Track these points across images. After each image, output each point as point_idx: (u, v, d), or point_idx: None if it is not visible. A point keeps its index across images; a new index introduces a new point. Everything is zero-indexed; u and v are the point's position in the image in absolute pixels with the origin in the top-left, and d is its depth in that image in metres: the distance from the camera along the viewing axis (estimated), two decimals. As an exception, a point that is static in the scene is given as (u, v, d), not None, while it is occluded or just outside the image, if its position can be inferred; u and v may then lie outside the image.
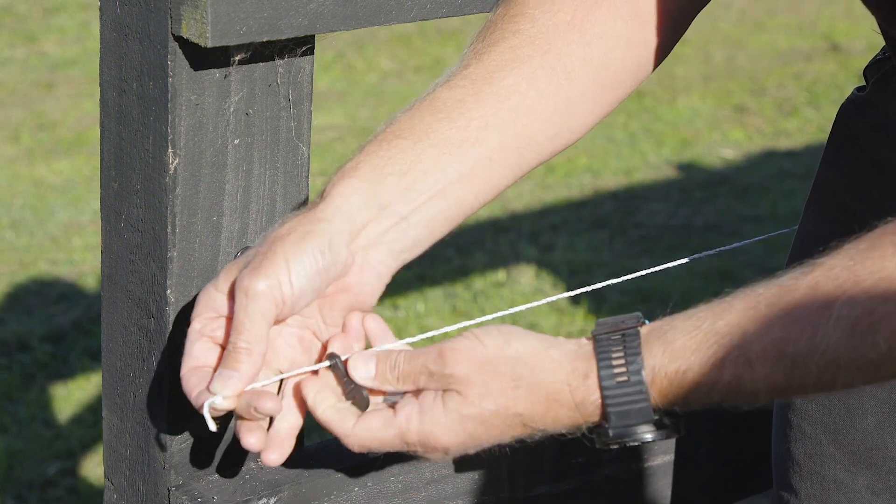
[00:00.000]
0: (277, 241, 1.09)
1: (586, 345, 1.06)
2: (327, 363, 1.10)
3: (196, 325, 1.11)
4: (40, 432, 3.37)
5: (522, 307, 1.32)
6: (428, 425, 1.06)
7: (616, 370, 1.03)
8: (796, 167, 5.08)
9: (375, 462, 1.30)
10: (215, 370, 1.09)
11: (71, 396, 3.53)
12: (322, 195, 1.14)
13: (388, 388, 1.08)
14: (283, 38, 1.11)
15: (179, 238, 1.17)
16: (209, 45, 1.07)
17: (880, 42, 1.29)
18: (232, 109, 1.16)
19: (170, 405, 1.21)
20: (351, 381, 1.09)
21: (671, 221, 4.58)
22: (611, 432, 1.05)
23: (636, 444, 1.06)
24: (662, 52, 1.23)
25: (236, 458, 1.27)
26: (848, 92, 1.35)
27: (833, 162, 1.32)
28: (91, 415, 3.44)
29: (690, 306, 1.06)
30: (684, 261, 1.29)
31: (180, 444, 1.22)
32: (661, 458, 1.54)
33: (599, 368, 1.03)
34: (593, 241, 4.42)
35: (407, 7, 1.17)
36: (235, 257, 1.20)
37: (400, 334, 3.89)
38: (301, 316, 1.13)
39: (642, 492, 1.54)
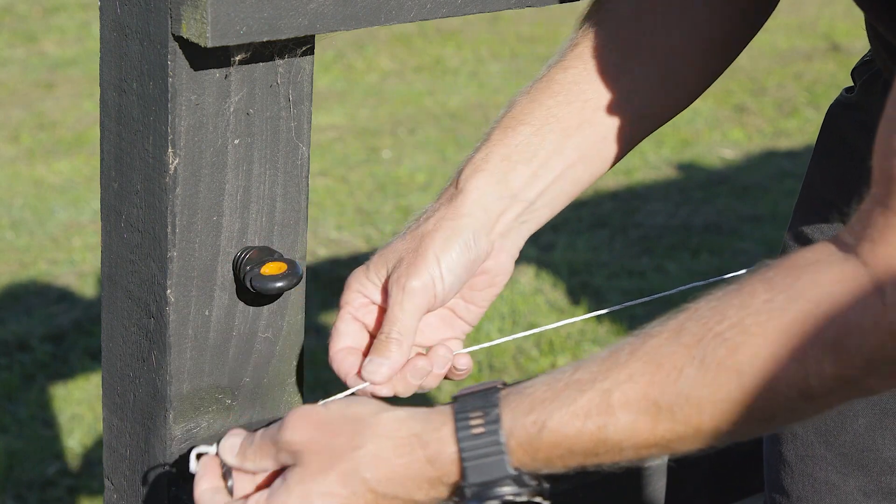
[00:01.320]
0: (427, 239, 1.17)
1: (444, 407, 1.01)
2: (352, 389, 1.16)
3: (349, 308, 1.19)
4: (40, 432, 3.37)
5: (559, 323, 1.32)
6: (275, 498, 1.01)
7: (473, 422, 0.98)
8: (796, 167, 5.08)
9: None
10: (364, 354, 1.18)
11: (71, 396, 3.54)
12: (457, 186, 1.20)
13: (249, 465, 1.05)
14: (283, 38, 1.11)
15: (179, 238, 1.17)
16: (209, 45, 1.07)
17: (877, 43, 1.29)
18: (232, 109, 1.16)
19: (170, 405, 1.21)
20: (225, 468, 1.08)
21: (671, 221, 4.58)
22: (467, 491, 0.97)
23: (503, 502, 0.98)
24: (763, 14, 1.25)
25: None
26: None
27: (822, 163, 1.32)
28: (91, 415, 3.44)
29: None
30: (616, 307, 1.31)
31: (180, 444, 1.22)
32: (661, 458, 1.54)
33: (456, 420, 0.98)
34: (593, 240, 4.42)
35: (407, 7, 1.17)
36: (237, 256, 1.20)
37: (400, 334, 3.89)
38: None
39: (640, 492, 1.54)
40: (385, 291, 1.18)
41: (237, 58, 1.14)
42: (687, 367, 0.93)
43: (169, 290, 1.18)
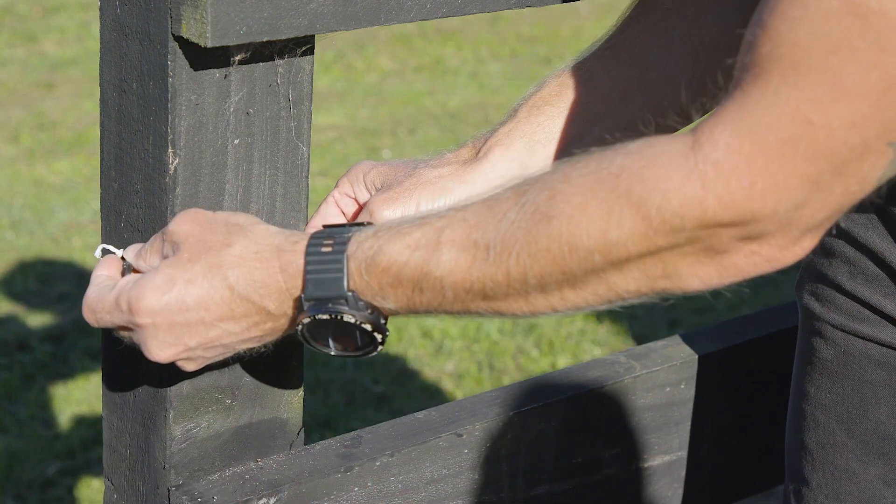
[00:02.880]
0: (421, 185, 1.19)
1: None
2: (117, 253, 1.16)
3: (336, 192, 1.24)
4: (40, 432, 3.37)
5: None
6: (140, 286, 1.05)
7: (325, 242, 1.03)
8: (796, 167, 5.07)
9: (375, 463, 1.30)
10: None
11: (71, 396, 3.54)
12: (477, 154, 1.22)
13: (142, 264, 1.11)
14: (283, 38, 1.11)
15: (179, 238, 1.17)
16: (209, 45, 1.07)
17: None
18: (232, 109, 1.16)
19: (170, 405, 1.21)
20: (125, 265, 1.15)
21: (671, 221, 4.58)
22: (305, 304, 1.02)
23: (330, 318, 1.02)
24: None
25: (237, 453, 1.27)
26: None
27: None
28: (91, 415, 3.44)
29: (691, 306, 1.05)
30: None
31: (180, 444, 1.22)
32: (662, 458, 1.54)
33: (311, 238, 1.03)
34: (593, 241, 4.42)
35: (407, 7, 1.17)
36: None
37: (400, 333, 3.89)
38: None
39: (642, 492, 1.54)
40: (364, 204, 1.22)
41: (237, 58, 1.14)
42: (510, 211, 0.96)
43: (169, 290, 1.18)
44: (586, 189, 0.93)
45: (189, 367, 1.10)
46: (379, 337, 1.04)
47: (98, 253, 1.17)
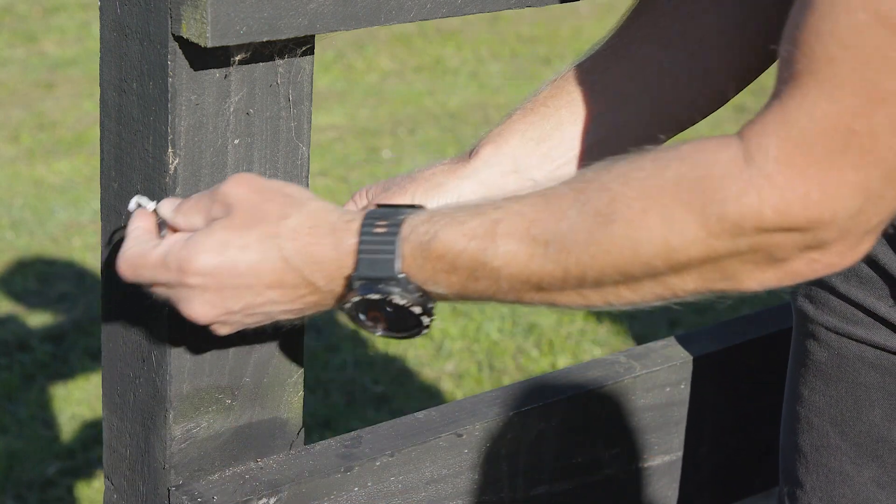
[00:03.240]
0: (413, 182, 1.21)
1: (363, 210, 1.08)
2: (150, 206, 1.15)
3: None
4: (40, 432, 3.37)
5: None
6: (192, 247, 1.05)
7: (379, 222, 1.03)
8: (796, 167, 5.07)
9: (375, 463, 1.30)
10: None
11: (71, 396, 3.54)
12: (470, 153, 1.23)
13: (181, 220, 1.09)
14: (283, 38, 1.11)
15: (179, 238, 1.17)
16: (209, 45, 1.07)
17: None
18: (232, 109, 1.16)
19: (170, 405, 1.21)
20: (160, 220, 1.13)
21: (671, 221, 4.58)
22: (356, 283, 1.03)
23: (382, 301, 1.03)
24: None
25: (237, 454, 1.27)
26: None
27: None
28: (91, 415, 3.44)
29: (691, 307, 1.06)
30: None
31: (180, 444, 1.22)
32: (662, 458, 1.54)
33: (365, 217, 1.04)
34: (593, 241, 4.42)
35: (407, 7, 1.17)
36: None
37: (400, 334, 3.89)
38: None
39: (642, 492, 1.54)
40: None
41: (237, 58, 1.14)
42: (570, 209, 0.97)
43: (169, 290, 1.18)
44: (645, 195, 0.95)
45: (223, 330, 1.10)
46: (426, 320, 1.05)
47: (132, 205, 1.15)
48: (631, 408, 1.49)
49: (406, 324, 1.06)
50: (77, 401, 3.52)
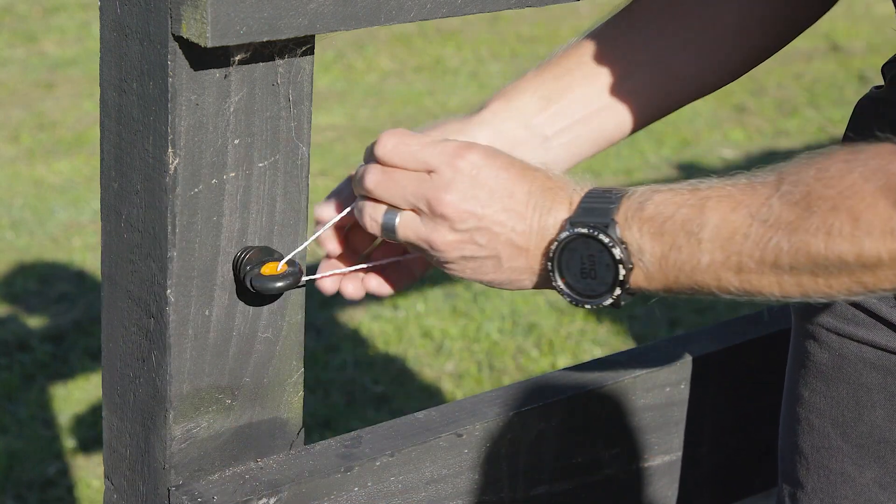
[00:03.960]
0: (434, 131, 1.23)
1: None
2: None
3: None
4: (40, 432, 3.37)
5: None
6: (464, 141, 1.12)
7: (605, 189, 1.09)
8: (796, 167, 5.07)
9: (375, 463, 1.30)
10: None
11: (71, 396, 3.54)
12: (479, 108, 1.27)
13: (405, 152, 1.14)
14: (283, 38, 1.11)
15: (179, 238, 1.17)
16: (209, 45, 1.07)
17: (880, 42, 1.29)
18: (232, 109, 1.16)
19: (170, 405, 1.21)
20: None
21: (671, 221, 4.58)
22: (568, 224, 1.08)
23: (591, 236, 1.07)
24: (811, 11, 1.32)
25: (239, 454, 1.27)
26: (848, 92, 1.36)
27: None
28: (91, 415, 3.44)
29: (691, 307, 1.08)
30: None
31: (180, 444, 1.22)
32: (662, 458, 1.54)
33: (595, 187, 1.10)
34: (593, 241, 4.42)
35: (407, 7, 1.17)
36: (237, 256, 1.21)
37: (400, 334, 3.89)
38: None
39: (642, 492, 1.54)
40: None
41: (237, 58, 1.14)
42: (772, 198, 1.03)
43: (169, 290, 1.18)
44: (838, 194, 1.00)
45: (459, 267, 1.13)
46: (622, 273, 1.08)
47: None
48: (631, 408, 1.49)
49: (599, 282, 1.09)
50: (77, 401, 3.52)
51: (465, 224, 1.11)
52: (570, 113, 1.26)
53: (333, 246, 1.25)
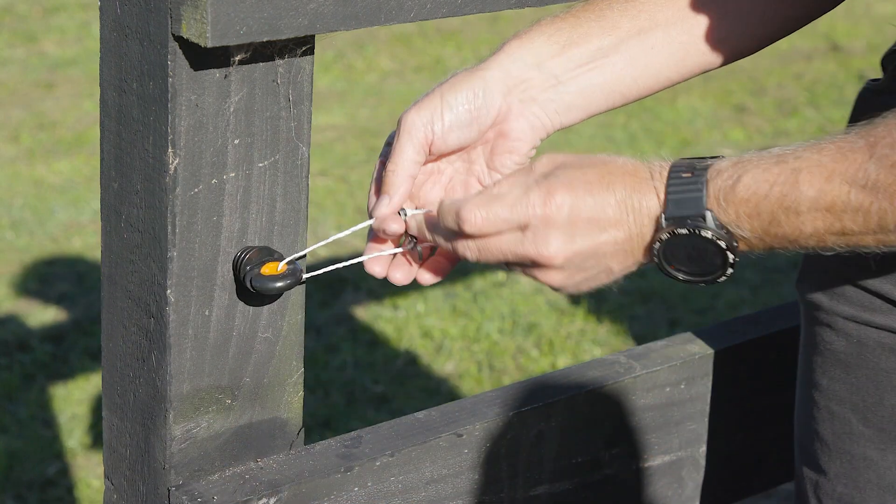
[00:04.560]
0: (441, 84, 1.24)
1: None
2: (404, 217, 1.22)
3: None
4: (40, 432, 3.37)
5: None
6: (544, 185, 1.13)
7: (684, 172, 1.11)
8: (796, 167, 5.07)
9: (375, 463, 1.30)
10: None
11: (71, 396, 3.53)
12: (494, 51, 1.28)
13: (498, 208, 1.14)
14: (283, 38, 1.11)
15: (179, 238, 1.17)
16: (209, 45, 1.07)
17: (883, 42, 1.30)
18: (232, 109, 1.16)
19: (170, 405, 1.21)
20: (410, 237, 1.22)
21: (671, 221, 4.58)
22: (665, 223, 1.10)
23: (693, 234, 1.09)
24: None
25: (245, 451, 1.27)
26: (848, 92, 1.37)
27: None
28: (91, 415, 3.44)
29: (691, 306, 1.08)
30: None
31: (180, 444, 1.22)
32: (662, 458, 1.54)
33: (672, 167, 1.12)
34: (593, 241, 4.42)
35: (407, 7, 1.17)
36: (237, 256, 1.21)
37: (399, 334, 3.89)
38: (468, 163, 1.27)
39: (642, 492, 1.54)
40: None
41: (237, 58, 1.14)
42: (867, 162, 1.04)
43: (169, 290, 1.18)
44: None
45: (569, 282, 1.15)
46: (731, 257, 1.10)
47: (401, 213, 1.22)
48: (631, 408, 1.49)
49: (709, 265, 1.11)
50: (77, 401, 3.51)
51: (572, 263, 1.14)
52: (582, 61, 1.27)
53: (397, 227, 1.24)
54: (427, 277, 1.24)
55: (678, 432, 1.54)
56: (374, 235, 1.25)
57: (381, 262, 1.24)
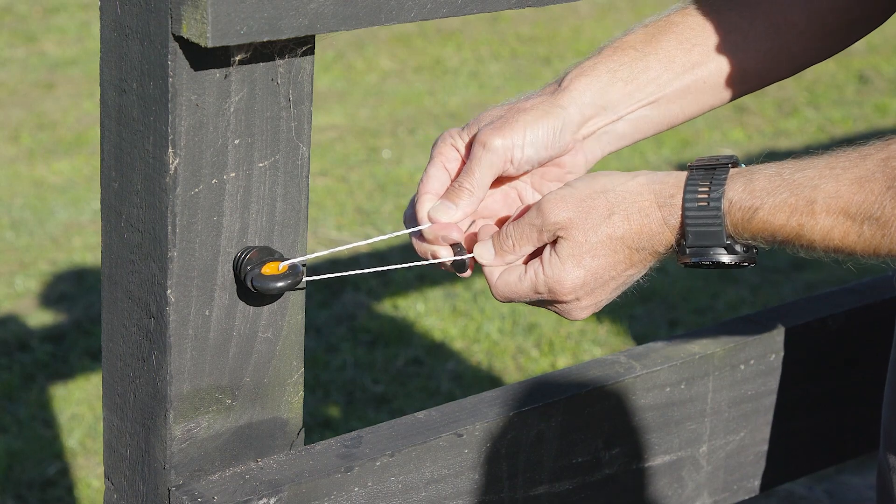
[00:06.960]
0: (521, 112, 1.29)
1: (680, 174, 1.21)
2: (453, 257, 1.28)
3: (441, 157, 1.31)
4: (40, 432, 3.37)
5: None
6: (551, 273, 1.22)
7: (700, 195, 1.18)
8: (796, 167, 5.07)
9: (375, 463, 1.30)
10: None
11: (71, 396, 3.54)
12: (560, 84, 1.33)
13: (511, 258, 1.25)
14: (284, 38, 1.11)
15: (179, 238, 1.17)
16: (209, 45, 1.07)
17: (880, 42, 1.32)
18: (232, 109, 1.16)
19: (170, 405, 1.21)
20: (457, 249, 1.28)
21: (671, 221, 4.58)
22: (688, 250, 1.19)
23: (710, 264, 1.19)
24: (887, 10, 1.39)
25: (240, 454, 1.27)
26: (848, 92, 1.39)
27: None
28: (91, 415, 3.44)
29: (690, 306, 1.09)
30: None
31: (180, 444, 1.22)
32: (662, 458, 1.54)
33: (686, 192, 1.18)
34: (593, 241, 4.42)
35: (407, 7, 1.17)
36: (237, 256, 1.21)
37: (399, 334, 3.89)
38: (514, 178, 1.33)
39: (642, 492, 1.54)
40: (469, 148, 1.31)
41: (237, 58, 1.14)
42: (883, 195, 1.11)
43: (169, 290, 1.18)
44: None
45: (593, 310, 1.26)
46: (751, 266, 1.21)
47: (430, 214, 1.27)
48: (631, 408, 1.49)
49: (724, 271, 1.23)
50: (77, 401, 3.52)
51: (602, 305, 1.25)
52: (642, 97, 1.33)
53: (457, 235, 1.28)
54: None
55: (678, 432, 1.54)
56: (419, 234, 1.30)
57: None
